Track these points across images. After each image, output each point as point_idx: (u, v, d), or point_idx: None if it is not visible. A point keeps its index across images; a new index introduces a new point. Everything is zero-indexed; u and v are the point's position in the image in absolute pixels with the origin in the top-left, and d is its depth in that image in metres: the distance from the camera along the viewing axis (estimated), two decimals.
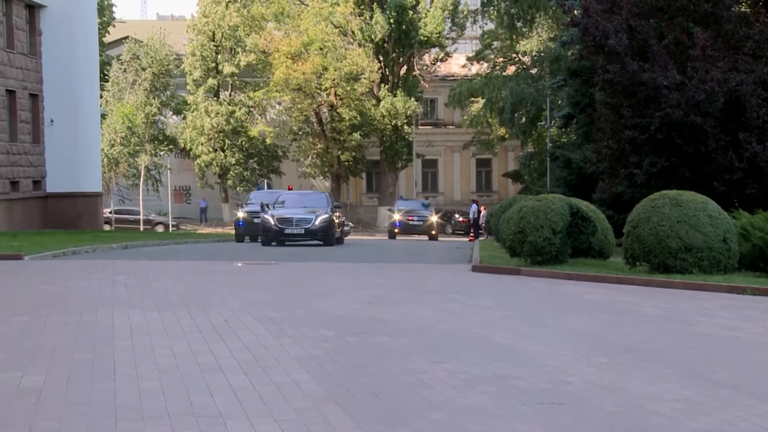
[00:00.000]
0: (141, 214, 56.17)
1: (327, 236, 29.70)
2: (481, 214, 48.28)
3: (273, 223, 29.38)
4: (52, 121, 38.72)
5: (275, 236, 29.40)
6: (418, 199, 56.63)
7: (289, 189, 39.25)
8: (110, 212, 56.32)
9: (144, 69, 59.84)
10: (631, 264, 17.98)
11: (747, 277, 16.90)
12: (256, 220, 32.33)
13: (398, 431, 6.30)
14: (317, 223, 29.46)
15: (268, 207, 31.07)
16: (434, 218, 46.83)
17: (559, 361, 8.96)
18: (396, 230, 45.52)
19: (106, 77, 58.37)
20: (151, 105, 59.61)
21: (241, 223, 34.73)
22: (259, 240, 31.10)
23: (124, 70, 59.88)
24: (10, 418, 6.34)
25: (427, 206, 48.92)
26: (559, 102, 45.18)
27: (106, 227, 53.01)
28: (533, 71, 54.97)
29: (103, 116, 51.96)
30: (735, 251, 17.54)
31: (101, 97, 50.77)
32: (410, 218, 46.14)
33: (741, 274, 17.29)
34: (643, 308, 13.52)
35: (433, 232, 45.70)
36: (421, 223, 46.06)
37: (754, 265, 17.93)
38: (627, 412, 7.01)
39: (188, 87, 61.84)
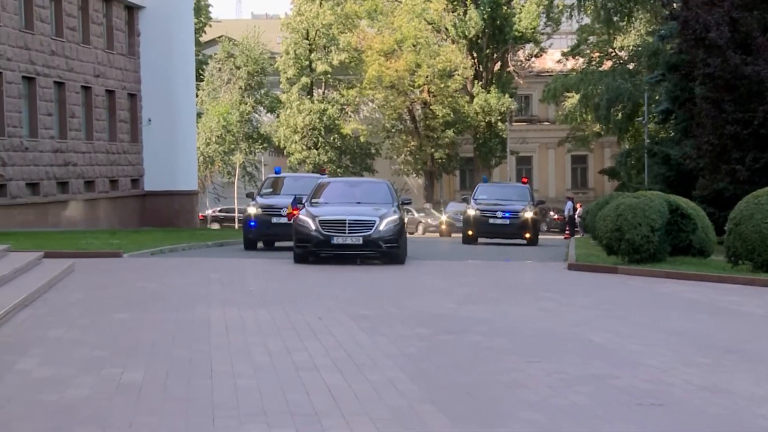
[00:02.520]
0: (236, 212, 56.94)
1: (396, 250, 18.75)
2: (577, 212, 47.68)
3: (314, 227, 18.26)
4: (149, 120, 39.51)
5: (318, 247, 18.44)
6: (510, 183, 44.22)
7: (322, 171, 28.17)
8: (217, 211, 57.32)
9: (239, 68, 60.63)
10: (733, 262, 17.51)
11: None
12: (276, 220, 22.66)
13: (494, 431, 6.21)
14: (382, 228, 18.37)
15: (301, 202, 19.97)
16: (529, 213, 29.88)
17: (659, 361, 8.75)
18: (470, 232, 30.32)
19: (202, 76, 59.29)
20: (246, 103, 60.35)
21: (252, 223, 23.45)
22: (292, 250, 19.36)
23: (219, 69, 60.76)
24: (111, 414, 6.43)
25: (524, 195, 31.63)
26: (657, 97, 44.33)
27: (215, 226, 53.85)
28: (630, 66, 54.07)
29: (199, 115, 52.82)
30: None
31: (197, 96, 51.60)
32: (491, 214, 30.16)
33: None
34: (746, 308, 13.15)
35: (527, 235, 29.76)
36: (507, 221, 30.07)
37: None
38: (731, 415, 6.80)
39: (282, 85, 62.45)
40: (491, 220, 28.98)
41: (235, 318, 10.93)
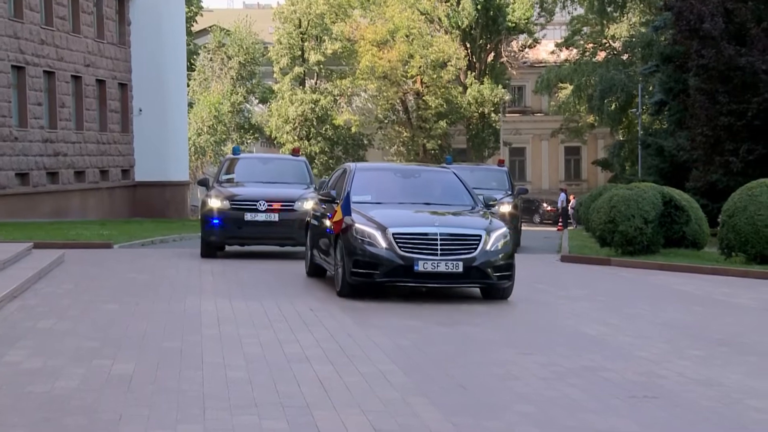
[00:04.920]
0: None
1: (508, 283, 12.16)
2: (570, 203, 47.70)
3: (386, 245, 11.60)
4: (140, 110, 39.36)
5: (391, 276, 11.67)
6: (482, 165, 34.23)
7: (295, 152, 20.29)
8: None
9: (230, 58, 60.49)
10: (726, 254, 17.51)
11: None
12: (250, 217, 16.97)
13: (487, 423, 6.17)
14: (491, 247, 11.80)
15: (333, 198, 13.18)
16: (507, 207, 20.87)
17: (652, 353, 8.73)
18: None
19: (193, 66, 59.13)
20: (237, 93, 60.23)
21: (216, 221, 17.17)
22: (346, 278, 12.07)
23: (211, 59, 60.62)
24: (101, 405, 6.38)
25: (501, 182, 22.79)
26: (651, 88, 44.30)
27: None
28: (624, 57, 54.04)
29: (190, 105, 52.66)
30: None
31: (188, 86, 51.45)
32: None
33: None
34: (739, 300, 13.14)
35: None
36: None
37: None
38: (724, 408, 6.77)
39: (274, 75, 62.32)
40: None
41: (227, 309, 10.87)
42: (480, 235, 11.64)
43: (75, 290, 12.46)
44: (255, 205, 17.04)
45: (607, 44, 56.58)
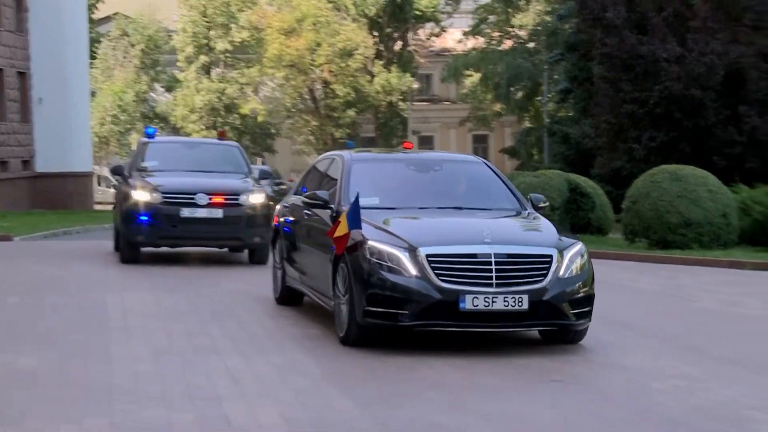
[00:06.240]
0: None
1: (585, 324, 8.44)
2: None
3: (416, 273, 7.92)
4: (41, 99, 38.40)
5: (426, 318, 7.91)
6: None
7: (221, 135, 18.77)
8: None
9: (133, 46, 59.53)
10: (630, 240, 17.85)
11: (747, 251, 16.77)
12: (187, 213, 14.15)
13: (400, 412, 6.17)
14: (564, 273, 8.15)
15: (325, 201, 9.31)
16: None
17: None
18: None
19: (95, 54, 58.01)
20: (141, 82, 59.34)
21: (145, 217, 14.23)
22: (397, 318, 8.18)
23: (114, 47, 59.57)
24: (5, 401, 6.20)
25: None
26: (556, 77, 44.94)
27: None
28: (530, 46, 54.69)
29: (93, 94, 51.65)
30: (735, 226, 17.41)
31: (90, 74, 50.43)
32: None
33: (741, 248, 17.15)
34: (641, 284, 13.41)
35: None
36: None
37: (755, 239, 17.79)
38: (627, 389, 6.90)
39: (178, 64, 61.53)
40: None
41: (135, 302, 10.67)
42: (551, 255, 8.12)
43: None
44: (193, 198, 14.13)
45: (513, 33, 57.18)
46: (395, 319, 7.87)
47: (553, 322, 8.11)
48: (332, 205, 9.04)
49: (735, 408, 6.39)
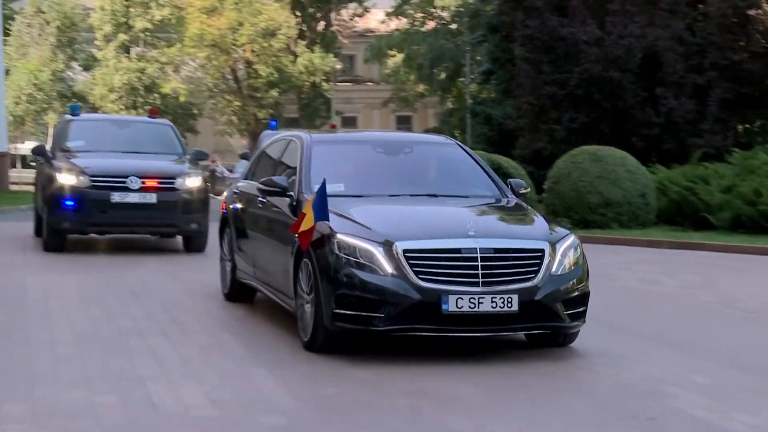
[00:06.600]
0: None
1: (578, 327, 7.65)
2: None
3: (391, 270, 6.99)
4: None
5: (404, 323, 7.07)
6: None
7: (153, 113, 17.15)
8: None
9: (49, 23, 58.32)
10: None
11: (665, 231, 17.14)
12: (118, 198, 13.21)
13: (324, 390, 6.17)
14: (557, 269, 7.37)
15: (284, 188, 8.26)
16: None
17: None
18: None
19: (9, 32, 56.65)
20: (58, 61, 58.17)
21: (70, 202, 13.32)
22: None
23: (29, 24, 58.27)
24: None
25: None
26: (479, 58, 45.19)
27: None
28: (453, 27, 54.90)
29: (7, 72, 50.46)
30: (653, 206, 17.77)
31: (4, 52, 49.23)
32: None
33: (659, 228, 17.52)
34: None
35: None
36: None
37: (671, 219, 18.19)
38: (553, 370, 6.98)
39: (97, 42, 60.43)
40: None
41: (54, 283, 10.48)
42: (543, 250, 7.25)
43: None
44: (124, 182, 13.13)
45: (436, 14, 57.34)
46: (368, 323, 6.92)
47: (546, 325, 7.25)
48: (291, 193, 8.05)
49: (655, 384, 6.52)
